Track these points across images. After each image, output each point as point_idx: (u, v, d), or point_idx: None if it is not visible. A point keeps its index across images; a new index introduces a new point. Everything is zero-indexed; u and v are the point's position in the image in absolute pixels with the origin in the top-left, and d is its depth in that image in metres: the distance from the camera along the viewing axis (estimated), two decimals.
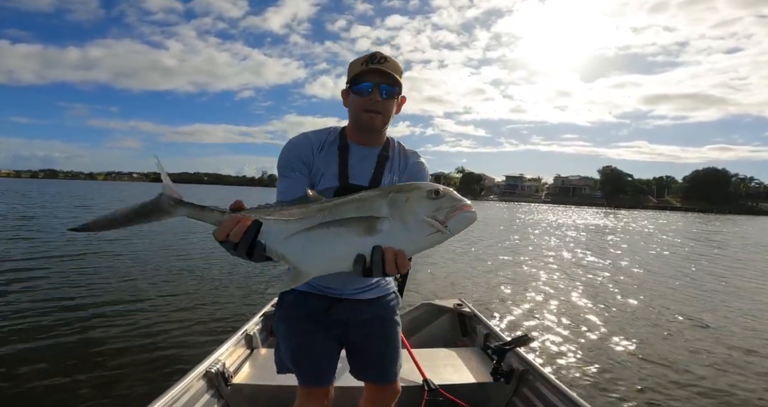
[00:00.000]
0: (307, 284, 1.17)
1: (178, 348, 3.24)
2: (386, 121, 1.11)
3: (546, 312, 4.49)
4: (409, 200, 0.78)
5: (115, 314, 4.05)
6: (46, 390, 2.56)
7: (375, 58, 1.08)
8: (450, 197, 0.78)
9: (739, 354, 3.41)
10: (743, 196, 75.54)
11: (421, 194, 0.78)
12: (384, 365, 1.23)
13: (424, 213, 0.76)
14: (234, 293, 5.01)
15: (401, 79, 1.10)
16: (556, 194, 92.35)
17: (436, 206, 0.77)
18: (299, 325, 1.17)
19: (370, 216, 0.78)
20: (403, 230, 0.77)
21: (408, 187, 0.81)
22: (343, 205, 0.81)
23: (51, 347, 3.21)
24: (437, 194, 0.78)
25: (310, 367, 1.17)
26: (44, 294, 4.60)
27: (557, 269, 7.14)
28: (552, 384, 1.66)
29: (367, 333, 1.21)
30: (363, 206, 0.80)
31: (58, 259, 6.62)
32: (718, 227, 25.15)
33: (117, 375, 2.77)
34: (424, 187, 0.80)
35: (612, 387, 2.74)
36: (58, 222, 11.99)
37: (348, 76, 1.13)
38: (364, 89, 1.07)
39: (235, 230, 0.75)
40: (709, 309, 4.78)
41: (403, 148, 1.22)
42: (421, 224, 0.76)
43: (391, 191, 0.81)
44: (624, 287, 5.87)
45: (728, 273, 7.59)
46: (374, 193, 0.82)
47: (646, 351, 3.38)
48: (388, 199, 0.79)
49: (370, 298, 1.21)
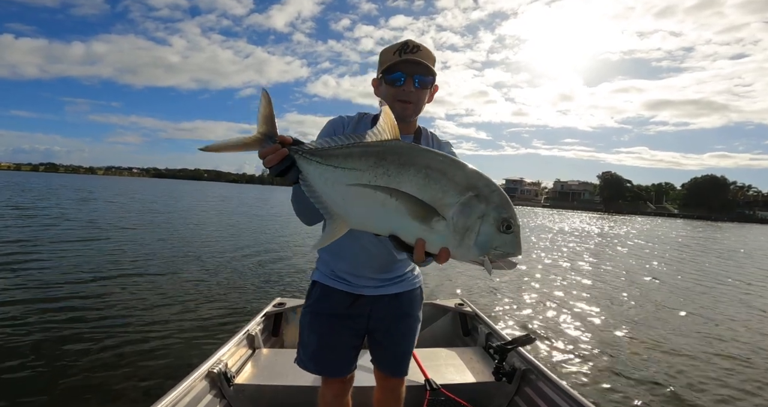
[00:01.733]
0: (332, 276, 1.21)
1: (180, 349, 3.24)
2: (418, 111, 1.11)
3: (548, 311, 4.50)
4: (483, 219, 0.69)
5: (117, 314, 4.03)
6: (47, 391, 2.55)
7: (408, 47, 1.06)
8: (513, 242, 0.71)
9: (743, 354, 3.41)
10: (741, 204, 75.73)
11: (497, 220, 0.69)
12: (401, 359, 1.27)
13: (485, 242, 0.69)
14: (236, 293, 4.99)
15: (434, 67, 1.09)
16: (555, 198, 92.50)
17: (500, 242, 0.70)
18: (321, 320, 1.21)
19: (431, 208, 0.69)
20: (454, 243, 0.70)
21: (490, 197, 0.70)
22: (406, 172, 0.71)
23: (52, 347, 3.18)
24: (508, 228, 0.70)
25: (329, 360, 1.21)
26: (45, 295, 4.59)
27: (558, 269, 7.16)
28: (554, 383, 1.66)
29: (388, 327, 1.24)
30: (430, 186, 0.70)
31: (60, 259, 6.60)
32: (709, 234, 25.19)
33: (119, 376, 2.76)
34: (501, 209, 0.70)
35: (615, 386, 2.74)
36: (60, 217, 11.96)
37: (379, 65, 1.11)
38: (397, 79, 1.06)
39: (270, 158, 0.79)
40: (711, 307, 4.79)
41: (436, 138, 1.20)
42: (473, 252, 0.70)
43: (471, 191, 0.70)
44: (626, 287, 5.88)
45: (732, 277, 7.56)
46: (451, 176, 0.71)
47: (648, 350, 3.39)
48: (463, 200, 0.69)
49: (394, 293, 1.22)
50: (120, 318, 3.92)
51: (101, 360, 3.01)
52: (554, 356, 3.24)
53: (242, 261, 7.07)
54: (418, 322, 1.29)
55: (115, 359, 3.03)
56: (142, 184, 67.41)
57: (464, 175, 0.72)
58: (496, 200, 0.70)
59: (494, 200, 0.70)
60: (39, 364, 2.91)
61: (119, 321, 3.85)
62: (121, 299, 4.52)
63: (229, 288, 5.21)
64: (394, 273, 1.21)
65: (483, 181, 0.72)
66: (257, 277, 5.91)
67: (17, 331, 3.51)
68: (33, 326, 3.64)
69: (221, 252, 7.87)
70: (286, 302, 2.67)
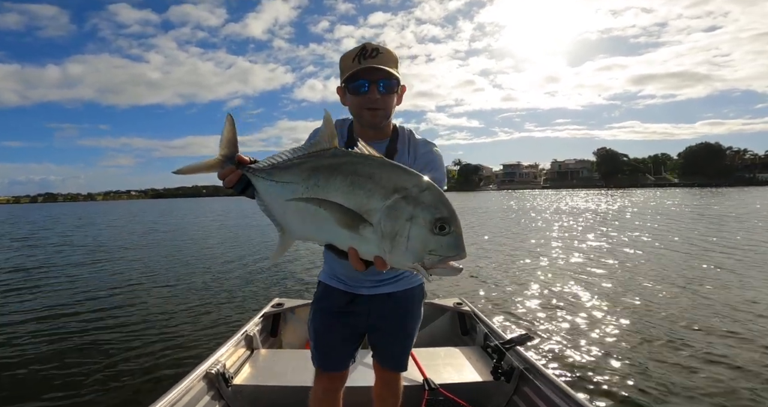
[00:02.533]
0: (333, 276, 1.25)
1: (178, 349, 3.25)
2: (388, 115, 1.09)
3: (546, 310, 4.45)
4: (412, 221, 0.65)
5: (116, 315, 4.08)
6: (47, 391, 2.58)
7: (366, 51, 1.03)
8: (451, 244, 0.66)
9: (746, 353, 3.28)
10: (740, 168, 75.64)
11: (428, 221, 0.65)
12: (401, 355, 1.31)
13: (416, 247, 0.65)
14: (234, 294, 5.02)
15: (397, 69, 1.06)
16: (554, 179, 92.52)
17: (435, 244, 0.65)
18: (322, 316, 1.26)
19: (356, 215, 0.67)
20: (385, 250, 0.66)
21: (419, 197, 0.66)
22: (334, 179, 0.70)
23: (52, 348, 3.24)
24: (442, 230, 0.65)
25: (325, 354, 1.26)
26: (45, 295, 4.61)
27: (557, 266, 7.12)
28: (553, 382, 1.64)
29: (388, 325, 1.26)
30: (355, 192, 0.68)
31: (60, 264, 6.62)
32: (716, 200, 25.12)
33: (118, 376, 2.78)
34: (432, 209, 0.65)
35: (614, 385, 2.70)
36: (64, 243, 11.97)
37: (341, 72, 1.08)
38: (361, 87, 1.03)
39: (228, 179, 0.84)
40: (716, 307, 4.74)
41: (413, 137, 1.17)
42: (407, 258, 0.66)
43: (398, 192, 0.66)
44: (626, 283, 5.85)
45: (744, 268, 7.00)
46: (377, 180, 0.68)
47: (648, 350, 3.34)
48: (389, 204, 0.66)
49: (392, 292, 1.23)
50: (119, 319, 3.98)
51: (101, 360, 3.04)
52: (553, 355, 3.21)
53: (241, 263, 7.13)
54: (418, 319, 1.31)
55: (114, 359, 3.06)
56: (141, 206, 67.55)
57: (392, 177, 0.68)
58: (427, 200, 0.66)
59: (424, 199, 0.66)
60: (40, 365, 2.95)
61: (118, 323, 3.88)
62: (121, 302, 4.59)
63: (228, 289, 5.24)
64: (389, 273, 1.20)
65: (413, 181, 0.68)
66: (255, 278, 5.93)
67: (20, 331, 3.57)
68: (33, 326, 3.70)
69: (220, 256, 7.92)
70: (284, 303, 2.67)
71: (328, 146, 0.75)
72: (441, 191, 0.69)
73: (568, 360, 3.11)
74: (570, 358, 3.15)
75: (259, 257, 7.76)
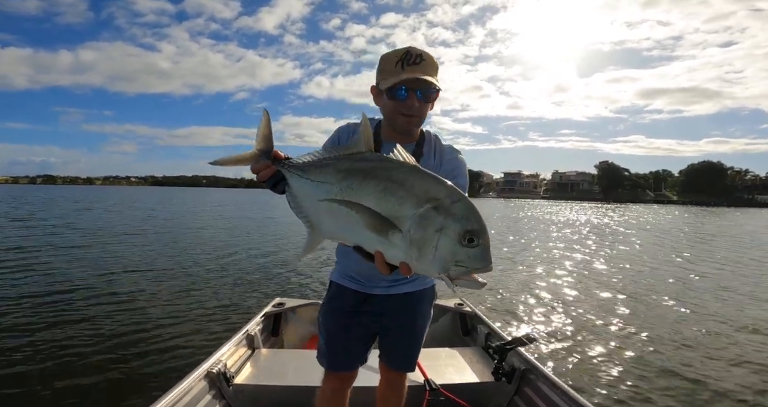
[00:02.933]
0: (346, 276, 1.25)
1: (179, 349, 3.25)
2: (422, 122, 1.10)
3: (547, 311, 4.48)
4: (441, 232, 0.65)
5: (117, 314, 4.05)
6: (46, 391, 2.56)
7: (410, 56, 1.00)
8: (478, 256, 0.66)
9: (748, 354, 3.35)
10: (740, 188, 75.78)
11: (457, 232, 0.65)
12: (409, 355, 1.32)
13: (444, 257, 0.66)
14: (235, 293, 5.01)
15: (437, 76, 1.04)
16: (554, 190, 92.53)
17: (462, 256, 0.66)
18: (335, 316, 1.26)
19: (386, 220, 0.68)
20: (412, 257, 0.67)
21: (450, 209, 0.66)
22: (367, 184, 0.71)
23: (52, 347, 3.21)
24: (471, 242, 0.65)
25: (336, 354, 1.26)
26: (46, 296, 4.60)
27: (558, 268, 7.15)
28: (554, 383, 1.66)
29: (401, 325, 1.27)
30: (387, 198, 0.69)
31: (59, 261, 6.61)
32: (705, 220, 25.18)
33: (118, 376, 2.77)
34: (463, 221, 0.66)
35: (614, 386, 2.73)
36: (59, 222, 11.95)
37: (379, 73, 1.06)
38: (400, 94, 1.02)
39: (262, 173, 0.86)
40: (715, 306, 4.77)
41: (439, 142, 1.18)
42: (433, 267, 0.66)
43: (430, 202, 0.67)
44: (626, 285, 5.88)
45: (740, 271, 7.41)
46: (409, 187, 0.69)
47: (649, 350, 3.36)
48: (420, 212, 0.66)
49: (405, 292, 1.24)
50: (120, 317, 3.94)
51: (101, 359, 3.02)
52: (554, 356, 3.23)
53: (242, 262, 7.09)
54: (428, 320, 1.33)
55: (114, 358, 3.04)
56: (141, 192, 67.33)
57: (424, 185, 0.69)
58: (458, 212, 0.66)
59: (455, 211, 0.66)
60: (39, 363, 2.93)
61: (119, 321, 3.86)
62: (121, 300, 4.55)
63: (229, 289, 5.22)
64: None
65: (445, 191, 0.68)
66: (257, 277, 5.91)
67: (19, 330, 3.54)
68: (32, 326, 3.66)
69: (221, 254, 7.89)
70: (285, 303, 2.66)
71: (364, 149, 0.77)
72: (472, 204, 0.69)
73: (569, 361, 3.13)
74: (571, 359, 3.17)
75: (261, 257, 7.75)
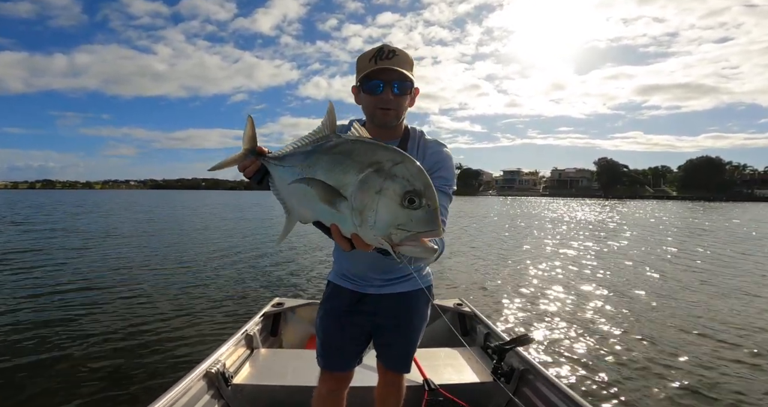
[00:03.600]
0: (341, 276, 1.28)
1: (178, 348, 3.25)
2: (400, 116, 1.12)
3: (546, 311, 4.48)
4: (380, 194, 0.64)
5: (116, 314, 4.06)
6: (46, 390, 2.57)
7: (383, 53, 1.06)
8: (422, 219, 0.64)
9: (749, 355, 3.33)
10: (738, 183, 75.91)
11: (397, 193, 0.64)
12: (406, 356, 1.32)
13: (384, 221, 0.64)
14: (235, 293, 5.01)
15: (412, 72, 1.08)
16: (553, 187, 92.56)
17: (404, 218, 0.64)
18: (331, 316, 1.28)
19: (334, 190, 0.69)
20: (356, 224, 0.67)
21: (391, 170, 0.66)
22: (321, 159, 0.74)
23: (51, 347, 3.21)
24: (412, 203, 0.64)
25: (332, 354, 1.27)
26: (44, 295, 4.60)
27: (558, 268, 7.15)
28: (552, 383, 1.66)
29: (395, 325, 1.27)
30: (335, 169, 0.71)
31: (59, 261, 6.61)
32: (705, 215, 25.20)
33: (117, 375, 2.78)
34: (403, 182, 0.64)
35: (613, 386, 2.72)
36: (57, 226, 11.94)
37: (357, 72, 1.11)
38: (376, 87, 1.06)
39: (248, 169, 0.90)
40: (714, 305, 4.77)
41: (423, 138, 1.19)
42: (373, 232, 0.65)
43: (371, 166, 0.66)
44: (626, 285, 5.88)
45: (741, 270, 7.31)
46: (356, 156, 0.70)
47: (648, 350, 3.36)
48: (361, 178, 0.66)
49: (400, 292, 1.24)
50: (118, 318, 3.94)
51: (100, 359, 3.03)
52: (553, 356, 3.23)
53: (241, 262, 7.10)
54: (424, 321, 1.32)
55: (113, 358, 3.05)
56: (141, 196, 67.31)
57: (368, 152, 0.69)
58: (399, 173, 0.65)
59: (396, 172, 0.65)
60: (38, 363, 2.93)
61: (117, 321, 3.86)
62: (121, 300, 4.56)
63: (228, 289, 5.23)
64: (397, 273, 1.23)
65: (389, 156, 0.68)
66: (256, 277, 5.92)
67: (18, 330, 3.55)
68: (32, 325, 3.68)
69: (220, 254, 7.90)
70: (284, 303, 2.67)
71: (328, 132, 0.79)
72: (418, 166, 0.67)
73: (568, 361, 3.13)
74: (570, 359, 3.17)
75: (260, 257, 7.76)
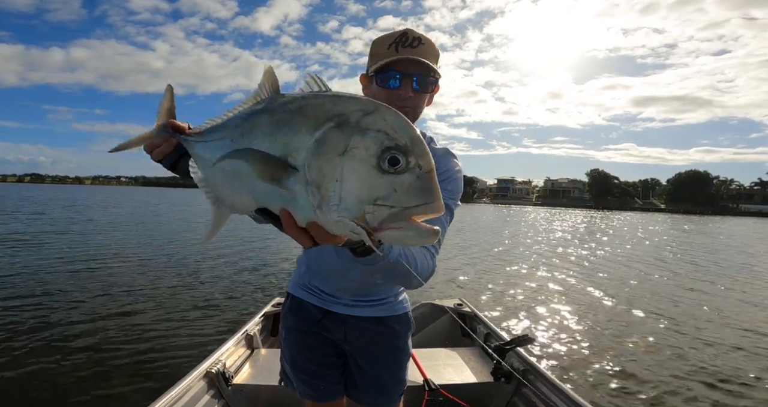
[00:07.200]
0: (302, 286, 1.06)
1: (178, 348, 3.24)
2: (416, 117, 0.91)
3: (547, 311, 4.52)
4: (346, 155, 0.42)
5: (116, 314, 4.02)
6: (45, 390, 2.55)
7: (406, 38, 0.85)
8: (412, 185, 0.42)
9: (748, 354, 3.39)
10: (724, 197, 77.61)
11: (369, 153, 0.42)
12: (379, 394, 1.06)
13: (354, 194, 0.42)
14: (234, 293, 4.99)
15: (437, 64, 0.88)
16: (546, 196, 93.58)
17: (385, 188, 0.41)
18: (293, 335, 1.06)
19: (278, 160, 0.45)
20: (314, 205, 0.43)
21: (360, 122, 0.43)
22: (259, 123, 0.48)
23: (51, 347, 3.17)
24: (395, 163, 0.41)
25: (304, 382, 1.05)
26: (43, 296, 4.53)
27: (557, 268, 7.22)
28: (553, 383, 1.67)
29: (367, 354, 1.04)
30: (279, 131, 0.46)
31: (58, 261, 6.50)
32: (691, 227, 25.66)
33: (117, 375, 2.76)
34: (380, 135, 0.42)
35: (613, 386, 2.76)
36: (51, 223, 11.72)
37: (370, 58, 0.90)
38: (392, 79, 0.86)
39: (159, 149, 0.63)
40: (711, 307, 4.85)
41: (433, 144, 1.01)
42: (339, 215, 0.42)
43: (332, 120, 0.43)
44: (625, 286, 5.96)
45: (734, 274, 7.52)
46: (307, 111, 0.45)
47: (648, 350, 3.41)
48: (317, 137, 0.43)
49: (371, 316, 1.02)
50: (118, 318, 3.90)
51: (100, 360, 3.00)
52: (553, 356, 3.26)
53: (241, 262, 7.05)
54: (405, 355, 1.07)
55: (113, 358, 3.02)
56: (132, 192, 66.39)
57: (329, 104, 0.45)
58: (371, 124, 0.42)
59: (367, 123, 0.42)
60: (38, 363, 2.90)
61: (117, 321, 3.82)
62: (120, 300, 4.50)
63: (228, 288, 5.20)
64: (373, 295, 1.03)
65: (357, 105, 0.44)
66: (256, 277, 5.89)
67: (17, 330, 3.48)
68: (32, 325, 3.62)
69: (220, 254, 7.82)
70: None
71: (268, 94, 0.52)
72: (400, 115, 0.44)
73: (569, 362, 3.16)
74: (570, 359, 3.20)
75: (260, 257, 7.72)
